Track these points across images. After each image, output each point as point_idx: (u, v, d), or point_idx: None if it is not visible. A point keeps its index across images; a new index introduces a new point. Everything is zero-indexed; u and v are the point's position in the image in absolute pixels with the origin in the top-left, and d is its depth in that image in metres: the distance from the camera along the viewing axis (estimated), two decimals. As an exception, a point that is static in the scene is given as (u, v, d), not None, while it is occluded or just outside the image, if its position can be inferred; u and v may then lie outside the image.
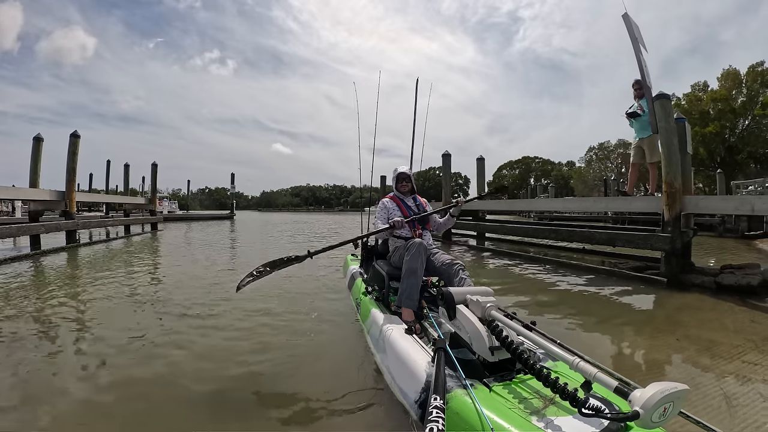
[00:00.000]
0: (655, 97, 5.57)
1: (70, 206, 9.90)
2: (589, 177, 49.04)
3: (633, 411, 1.14)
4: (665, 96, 5.59)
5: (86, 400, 2.18)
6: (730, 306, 4.29)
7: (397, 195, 3.23)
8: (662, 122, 5.49)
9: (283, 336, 3.26)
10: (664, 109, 5.51)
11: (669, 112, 5.56)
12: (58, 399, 2.19)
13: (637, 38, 5.55)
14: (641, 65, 5.56)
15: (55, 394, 2.24)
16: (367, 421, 2.02)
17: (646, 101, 5.97)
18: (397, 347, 2.11)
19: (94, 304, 4.26)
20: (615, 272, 6.04)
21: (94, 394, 2.25)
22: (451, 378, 1.66)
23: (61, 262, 7.28)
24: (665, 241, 5.26)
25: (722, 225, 14.13)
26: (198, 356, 2.84)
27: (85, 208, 25.52)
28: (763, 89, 27.94)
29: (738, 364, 2.71)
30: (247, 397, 2.26)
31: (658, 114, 5.51)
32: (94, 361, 2.72)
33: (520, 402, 1.49)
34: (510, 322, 1.78)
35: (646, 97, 5.77)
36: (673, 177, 5.33)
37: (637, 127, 6.42)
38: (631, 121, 6.48)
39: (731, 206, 5.73)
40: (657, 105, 5.53)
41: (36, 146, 9.42)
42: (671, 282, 5.16)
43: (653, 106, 5.57)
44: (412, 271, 2.49)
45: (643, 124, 6.25)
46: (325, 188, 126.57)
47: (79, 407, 2.12)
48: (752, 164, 29.18)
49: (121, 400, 2.20)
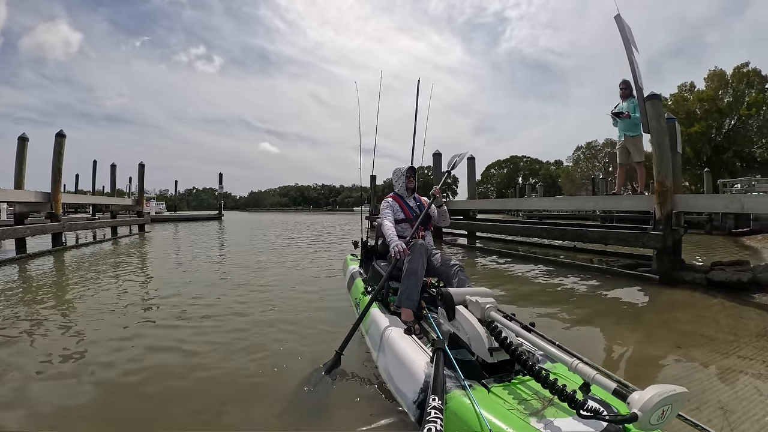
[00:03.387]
0: (647, 97, 5.61)
1: (56, 208, 9.60)
2: (577, 176, 49.47)
3: (631, 413, 1.15)
4: (656, 96, 5.63)
5: (70, 403, 2.16)
6: (721, 302, 4.35)
7: (398, 194, 3.24)
8: (653, 122, 5.53)
9: (281, 336, 3.24)
10: (655, 109, 5.55)
11: (660, 112, 5.61)
12: (39, 402, 2.17)
13: (629, 39, 5.60)
14: (633, 66, 5.60)
15: (38, 397, 2.21)
16: (365, 421, 2.01)
17: (637, 102, 6.02)
18: (396, 347, 2.11)
19: (80, 308, 4.18)
20: (607, 270, 6.07)
21: (75, 397, 2.23)
22: (450, 379, 1.67)
23: (46, 266, 7.12)
24: (657, 239, 5.31)
25: (710, 223, 14.31)
26: (195, 356, 2.82)
27: (71, 210, 25.10)
28: (749, 89, 28.49)
29: (734, 359, 2.74)
30: (243, 397, 2.24)
31: (650, 114, 5.55)
32: (79, 363, 2.68)
33: (518, 403, 1.50)
34: (509, 323, 1.79)
35: (638, 97, 5.80)
36: (664, 176, 5.37)
37: (622, 126, 6.47)
38: (616, 120, 6.52)
39: (721, 204, 5.83)
40: (648, 105, 5.57)
41: (21, 146, 9.18)
42: (663, 279, 5.21)
43: (644, 107, 5.61)
44: (412, 272, 2.49)
45: (627, 124, 6.31)
46: (314, 188, 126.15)
47: (61, 409, 2.10)
48: (738, 163, 29.68)
49: (115, 403, 2.17)
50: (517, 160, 74.12)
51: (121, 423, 2.02)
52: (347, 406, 2.17)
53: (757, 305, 4.19)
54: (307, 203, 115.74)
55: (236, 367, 2.66)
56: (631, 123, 6.26)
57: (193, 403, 2.20)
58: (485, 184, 74.19)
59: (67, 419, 2.03)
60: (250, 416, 2.07)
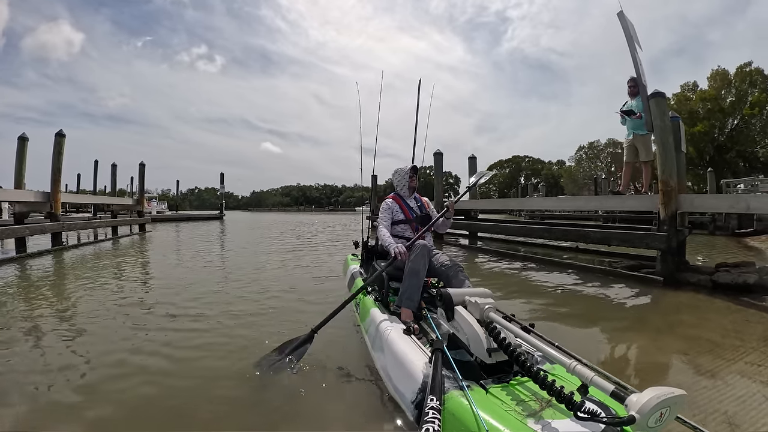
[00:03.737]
0: (651, 95, 5.51)
1: (56, 207, 9.58)
2: (579, 176, 49.39)
3: (629, 415, 1.15)
4: (661, 94, 5.53)
5: (66, 403, 2.16)
6: (727, 305, 4.26)
7: (399, 195, 3.23)
8: (657, 120, 5.43)
9: (281, 335, 3.22)
10: (659, 107, 5.45)
11: (664, 110, 5.51)
12: (35, 403, 2.17)
13: (633, 36, 5.52)
14: (636, 63, 5.54)
15: (35, 399, 2.21)
16: (363, 420, 2.02)
17: (641, 100, 5.95)
18: (395, 347, 2.11)
19: (78, 308, 4.17)
20: (610, 271, 5.99)
21: (75, 397, 2.22)
22: (448, 379, 1.66)
23: (42, 266, 7.11)
24: (661, 239, 5.20)
25: (713, 223, 14.23)
26: (193, 356, 2.82)
27: (73, 210, 25.16)
28: (752, 89, 28.34)
29: (740, 365, 2.68)
30: (242, 397, 2.24)
31: (654, 112, 5.46)
32: (79, 363, 2.68)
33: (516, 404, 1.49)
34: (508, 324, 1.78)
35: (641, 95, 5.72)
36: (669, 175, 5.28)
37: (631, 125, 6.36)
38: (624, 118, 6.41)
39: (726, 204, 5.64)
40: (652, 103, 5.48)
41: (21, 146, 9.18)
42: (667, 281, 5.11)
43: (648, 104, 5.52)
44: (414, 272, 2.49)
45: (637, 122, 6.22)
46: (316, 188, 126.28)
47: (59, 409, 2.10)
48: (741, 163, 29.56)
49: (111, 403, 2.17)
50: (519, 159, 74.08)
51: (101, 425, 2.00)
52: (345, 405, 2.17)
53: (764, 308, 4.11)
54: (309, 203, 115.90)
55: (231, 367, 2.66)
56: (640, 121, 6.15)
57: (188, 403, 2.20)
58: (487, 184, 74.10)
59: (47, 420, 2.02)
60: (246, 416, 2.07)
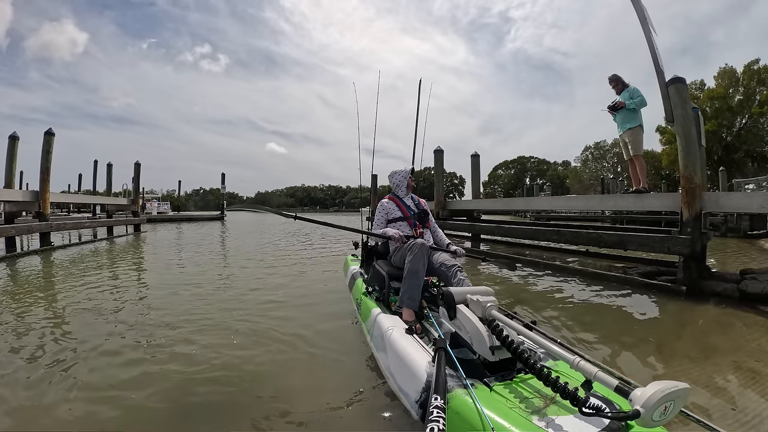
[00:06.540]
0: (670, 81, 4.89)
1: (44, 207, 9.55)
2: (585, 176, 49.16)
3: (634, 410, 1.15)
4: (681, 80, 4.86)
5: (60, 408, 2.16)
6: (760, 320, 3.71)
7: (396, 195, 3.24)
8: (678, 109, 4.79)
9: (283, 336, 3.26)
10: (679, 94, 4.81)
11: (685, 97, 4.88)
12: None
13: (647, 19, 5.10)
14: (652, 47, 5.06)
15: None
16: (367, 421, 2.02)
17: (633, 91, 5.80)
18: (397, 347, 2.10)
19: (65, 310, 4.10)
20: (626, 279, 5.38)
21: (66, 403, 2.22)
22: (452, 378, 1.66)
23: (27, 267, 6.99)
24: (685, 243, 4.55)
25: (725, 224, 13.77)
26: (193, 356, 2.83)
27: (75, 210, 25.30)
28: (760, 87, 28.05)
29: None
30: (245, 398, 2.26)
31: (674, 100, 4.83)
32: (69, 368, 2.68)
33: (520, 401, 1.49)
34: (510, 321, 1.78)
35: (659, 82, 5.09)
36: (692, 171, 4.66)
37: (619, 120, 6.14)
38: (614, 114, 6.19)
39: (756, 204, 4.85)
40: (672, 90, 4.85)
41: (11, 145, 9.18)
42: (690, 291, 4.52)
43: (667, 92, 4.91)
44: (414, 272, 2.49)
45: (624, 117, 6.01)
46: (320, 189, 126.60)
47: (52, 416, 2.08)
48: (750, 162, 29.25)
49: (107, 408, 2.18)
50: (524, 160, 73.97)
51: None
52: (350, 404, 2.17)
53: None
54: (313, 204, 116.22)
55: (235, 367, 2.67)
56: (627, 115, 5.94)
57: (190, 404, 2.22)
58: (492, 185, 74.09)
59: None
60: (248, 416, 2.08)
